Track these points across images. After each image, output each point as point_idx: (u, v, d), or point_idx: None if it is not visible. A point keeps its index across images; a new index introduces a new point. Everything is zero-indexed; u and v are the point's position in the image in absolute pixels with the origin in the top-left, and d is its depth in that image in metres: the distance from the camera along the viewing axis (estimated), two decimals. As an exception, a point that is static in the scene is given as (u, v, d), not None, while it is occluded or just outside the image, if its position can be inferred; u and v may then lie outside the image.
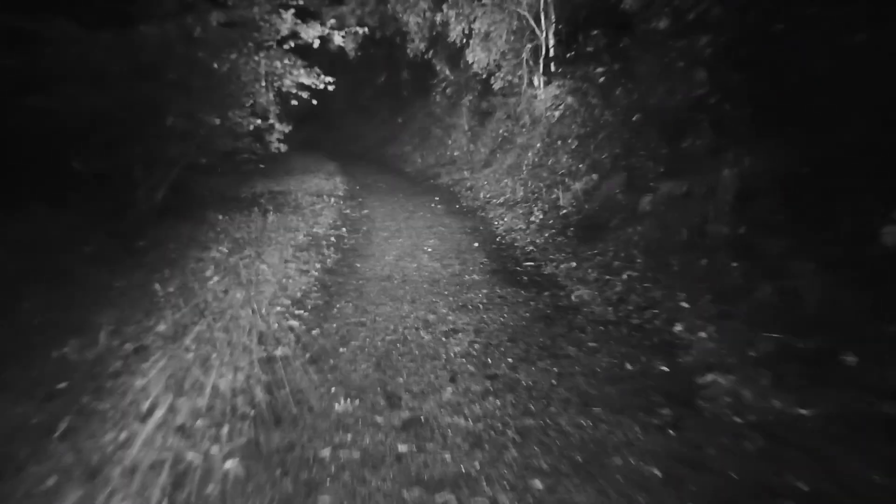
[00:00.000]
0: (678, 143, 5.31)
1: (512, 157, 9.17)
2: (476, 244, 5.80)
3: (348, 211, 7.81)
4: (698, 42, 5.01)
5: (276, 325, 3.62)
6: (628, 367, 2.95)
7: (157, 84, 5.99)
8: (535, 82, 9.13)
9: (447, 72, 12.83)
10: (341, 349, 3.29)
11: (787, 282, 3.28)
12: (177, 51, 6.28)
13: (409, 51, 13.64)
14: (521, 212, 6.76)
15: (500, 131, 10.47)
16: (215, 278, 4.57)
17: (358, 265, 5.12)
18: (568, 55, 8.34)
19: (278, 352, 3.24)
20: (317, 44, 7.62)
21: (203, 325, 3.59)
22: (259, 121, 6.71)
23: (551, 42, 8.62)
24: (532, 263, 4.98)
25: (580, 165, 6.50)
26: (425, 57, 13.36)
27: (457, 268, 4.93)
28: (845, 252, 3.16)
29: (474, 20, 9.31)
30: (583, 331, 3.45)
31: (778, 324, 3.00)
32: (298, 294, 4.26)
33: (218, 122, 6.24)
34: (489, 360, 3.11)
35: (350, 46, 15.06)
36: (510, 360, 3.10)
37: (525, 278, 4.58)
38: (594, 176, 6.06)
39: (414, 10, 12.75)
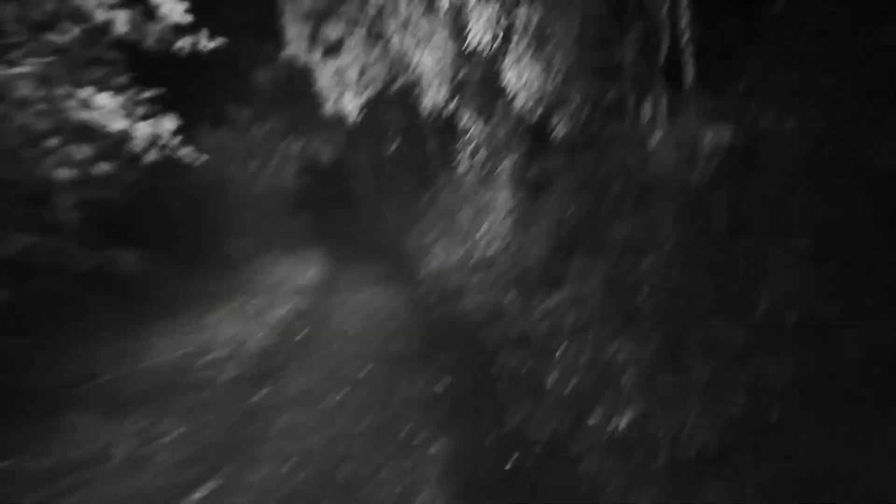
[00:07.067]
0: None
1: (605, 265, 4.28)
2: None
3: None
4: None
5: None
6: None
7: None
8: (648, 111, 4.38)
9: (477, 123, 8.42)
10: None
11: None
12: None
13: (425, 104, 9.54)
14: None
15: (570, 212, 5.67)
16: None
17: None
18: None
19: None
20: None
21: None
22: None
23: (686, 30, 3.93)
24: None
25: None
26: (448, 108, 9.16)
27: None
28: None
29: (516, 4, 4.80)
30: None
31: None
32: None
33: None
34: None
35: (351, 107, 11.30)
36: None
37: None
38: None
39: (429, 46, 8.73)
